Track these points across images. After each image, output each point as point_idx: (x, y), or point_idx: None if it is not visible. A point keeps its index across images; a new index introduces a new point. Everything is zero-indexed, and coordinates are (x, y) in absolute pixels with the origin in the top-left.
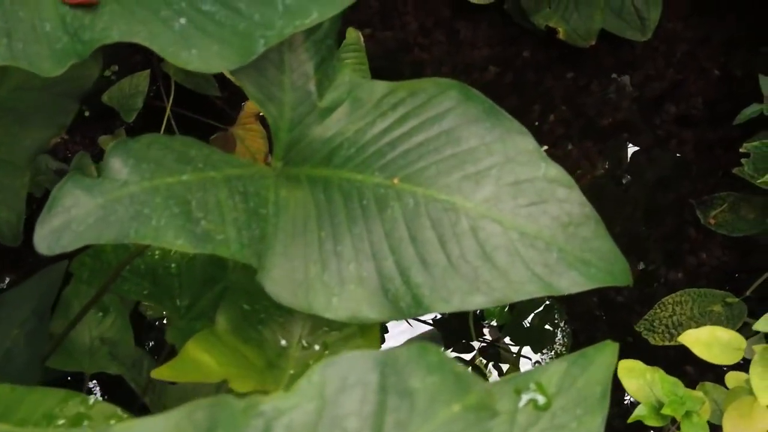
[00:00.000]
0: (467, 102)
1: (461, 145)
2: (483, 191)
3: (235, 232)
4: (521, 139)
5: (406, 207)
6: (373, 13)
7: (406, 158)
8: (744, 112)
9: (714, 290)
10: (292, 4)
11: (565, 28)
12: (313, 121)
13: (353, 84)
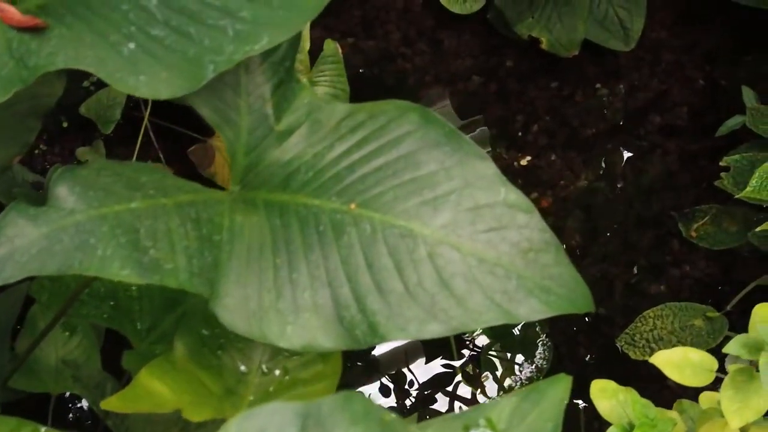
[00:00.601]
0: (427, 125)
1: (420, 170)
2: (441, 217)
3: (185, 261)
4: (481, 163)
5: (363, 233)
6: (356, 23)
7: (364, 183)
8: (726, 124)
9: (695, 304)
10: (242, 29)
11: (548, 38)
12: (271, 144)
13: (312, 106)
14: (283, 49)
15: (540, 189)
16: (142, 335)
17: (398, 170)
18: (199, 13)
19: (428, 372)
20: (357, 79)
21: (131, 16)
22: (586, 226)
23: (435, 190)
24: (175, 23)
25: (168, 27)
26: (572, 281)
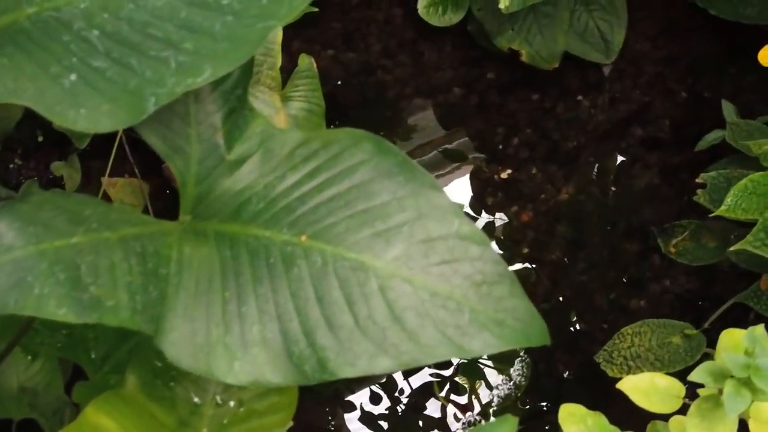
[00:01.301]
0: (380, 155)
1: (373, 200)
2: (393, 249)
3: (127, 297)
4: (435, 194)
5: (314, 266)
6: (336, 35)
7: (315, 214)
8: (706, 138)
9: (673, 321)
10: (185, 61)
11: (528, 51)
12: (222, 174)
13: (266, 135)
14: (235, 78)
15: (520, 203)
16: (97, 365)
17: (351, 201)
18: (141, 44)
19: (422, 378)
20: (337, 92)
21: (73, 47)
22: (566, 240)
23: (387, 222)
24: (116, 54)
25: (109, 58)
26: (527, 314)
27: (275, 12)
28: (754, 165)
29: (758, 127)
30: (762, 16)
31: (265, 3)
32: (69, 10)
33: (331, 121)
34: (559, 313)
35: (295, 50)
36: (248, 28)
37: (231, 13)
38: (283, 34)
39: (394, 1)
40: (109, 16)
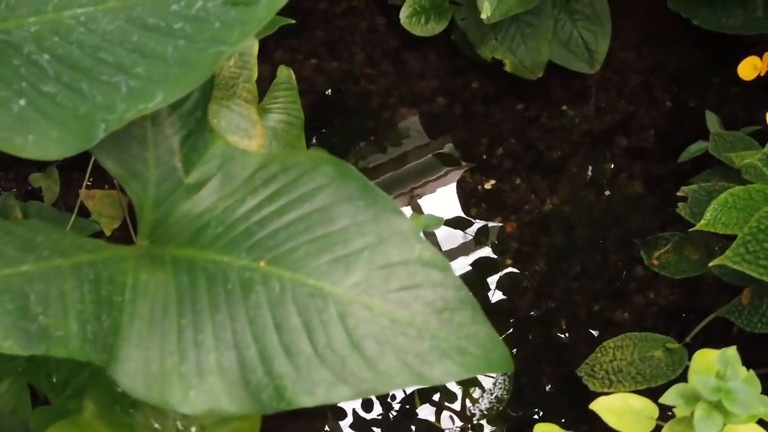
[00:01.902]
0: (341, 178)
1: (333, 225)
2: (353, 275)
3: (77, 327)
4: (395, 219)
5: (272, 292)
6: (319, 44)
7: (275, 238)
8: (689, 150)
9: (655, 335)
10: (136, 86)
11: (511, 60)
12: (180, 198)
13: (225, 157)
14: (193, 100)
15: (504, 213)
16: (58, 389)
17: (311, 225)
18: (92, 68)
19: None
20: (320, 101)
21: (22, 71)
22: (550, 251)
23: (347, 247)
24: (67, 79)
25: (60, 83)
26: (489, 341)
27: (227, 37)
28: (737, 176)
29: (741, 138)
30: (744, 26)
31: (217, 27)
32: (19, 33)
33: (314, 130)
34: (542, 325)
35: (278, 60)
36: (200, 53)
37: (183, 38)
38: (266, 44)
39: (377, 10)
40: (59, 39)
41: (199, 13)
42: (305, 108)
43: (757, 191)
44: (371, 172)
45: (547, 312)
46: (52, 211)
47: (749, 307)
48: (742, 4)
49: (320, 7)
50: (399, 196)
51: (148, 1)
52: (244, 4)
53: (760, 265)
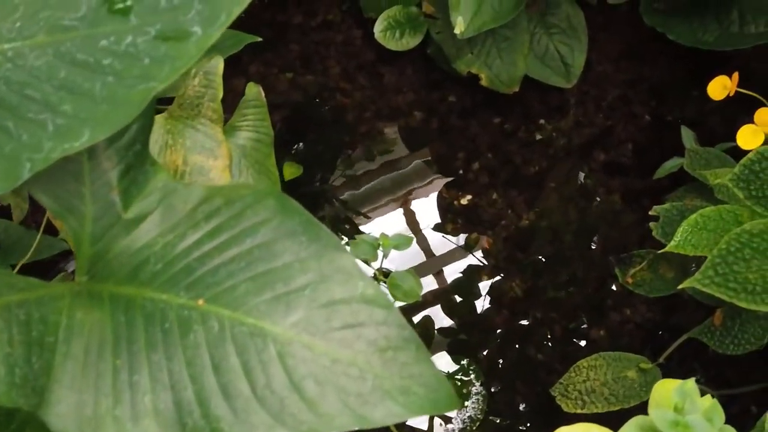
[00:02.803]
0: (283, 213)
1: (275, 261)
2: (294, 314)
3: (5, 371)
4: (339, 255)
5: (211, 331)
6: (295, 57)
7: (215, 275)
8: (664, 166)
9: (629, 354)
10: (63, 124)
11: (487, 75)
12: (119, 233)
13: (167, 190)
14: (132, 133)
15: (480, 229)
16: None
17: (252, 262)
18: (19, 106)
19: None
20: (295, 116)
21: None
22: (527, 267)
23: (289, 284)
24: None
25: None
26: (434, 380)
27: (157, 73)
28: (712, 194)
29: (717, 154)
30: (719, 42)
31: (147, 63)
32: None
33: (288, 145)
34: (517, 342)
35: (253, 73)
36: (129, 90)
37: (112, 74)
38: (241, 57)
39: (353, 24)
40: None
41: (128, 49)
42: (280, 122)
43: (728, 212)
44: (358, 180)
45: (523, 329)
46: (20, 230)
47: (721, 329)
48: (718, 20)
49: (295, 20)
50: (391, 202)
51: (77, 36)
52: (175, 40)
53: (730, 288)
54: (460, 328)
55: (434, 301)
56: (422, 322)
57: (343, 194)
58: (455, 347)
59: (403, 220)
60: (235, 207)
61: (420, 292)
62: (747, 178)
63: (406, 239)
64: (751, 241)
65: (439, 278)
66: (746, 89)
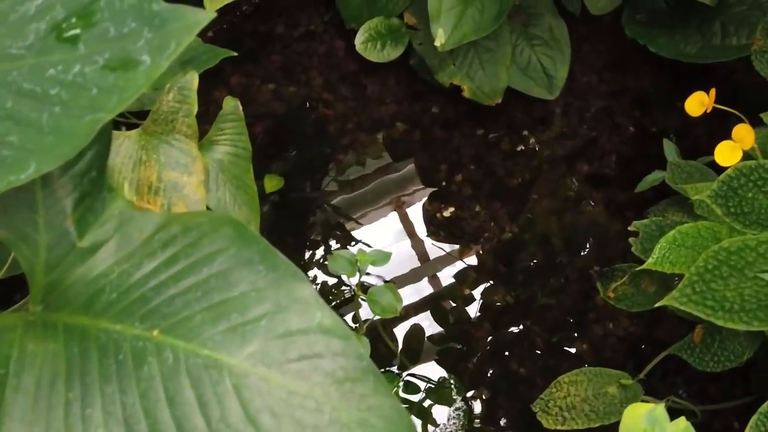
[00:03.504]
0: (241, 242)
1: (231, 291)
2: (250, 345)
3: None
4: (297, 285)
5: (165, 363)
6: (277, 68)
7: (171, 306)
8: (646, 180)
9: (609, 370)
10: (8, 156)
11: (469, 86)
12: (74, 262)
13: (124, 218)
14: (86, 161)
15: (463, 242)
16: None
17: (208, 291)
18: None
19: None
20: (276, 128)
21: None
22: (509, 281)
23: (245, 315)
24: None
25: None
26: (393, 412)
27: (105, 104)
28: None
29: (698, 168)
30: (701, 54)
31: (95, 94)
32: None
33: (270, 158)
34: (499, 356)
35: (235, 84)
36: (77, 120)
37: (59, 104)
38: (222, 68)
39: (336, 34)
40: None
41: (76, 79)
42: (262, 134)
43: (707, 229)
44: (351, 184)
45: (505, 342)
46: None
47: (701, 346)
48: (700, 31)
49: (278, 31)
50: (386, 205)
51: (24, 64)
52: (123, 69)
53: (708, 306)
54: (449, 337)
55: (425, 307)
56: (412, 330)
57: (335, 199)
58: (443, 357)
59: (396, 224)
60: (192, 235)
61: (399, 308)
62: (726, 194)
63: (384, 255)
64: (729, 259)
65: (434, 282)
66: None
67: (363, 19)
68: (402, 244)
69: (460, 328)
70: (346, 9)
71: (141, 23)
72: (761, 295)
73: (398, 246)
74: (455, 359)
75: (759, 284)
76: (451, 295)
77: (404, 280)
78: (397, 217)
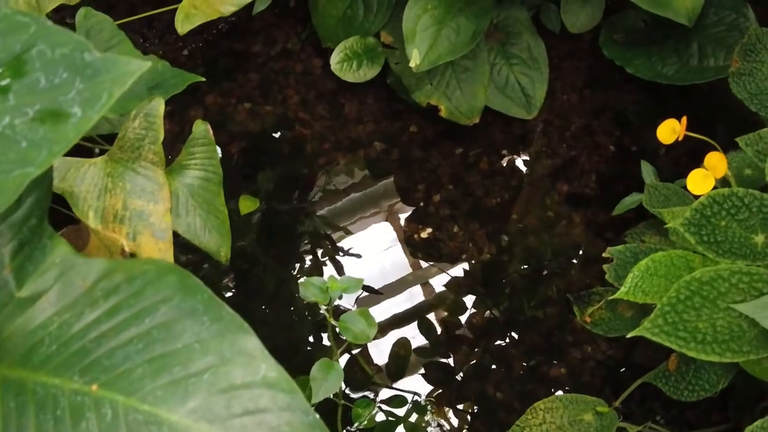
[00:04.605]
0: (185, 291)
1: (174, 343)
2: (192, 400)
3: None
4: (241, 336)
5: (104, 419)
6: (254, 87)
7: (111, 358)
8: (623, 203)
9: (586, 396)
10: None
11: (447, 106)
12: (13, 313)
13: (66, 266)
14: (25, 209)
15: (441, 263)
16: None
17: (150, 343)
18: None
19: None
20: (252, 147)
21: None
22: (487, 303)
23: (188, 368)
24: None
25: None
26: None
27: (34, 158)
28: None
29: (676, 190)
30: (677, 76)
31: (24, 147)
32: None
33: (246, 178)
34: (477, 381)
35: (210, 104)
36: (5, 175)
37: None
38: (198, 87)
39: (313, 52)
40: None
41: (5, 131)
42: (238, 154)
43: (679, 257)
44: (341, 193)
45: (482, 367)
46: None
47: (676, 374)
48: (678, 52)
49: (254, 49)
50: (375, 215)
51: None
52: (53, 121)
53: (680, 337)
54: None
55: (411, 319)
56: (399, 343)
57: (323, 209)
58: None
59: (389, 232)
60: (136, 284)
61: (372, 334)
62: (699, 222)
63: (356, 282)
64: (701, 289)
65: (426, 289)
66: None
67: (339, 38)
68: (394, 251)
69: (438, 351)
70: (322, 27)
71: (73, 73)
72: (734, 326)
73: (391, 253)
74: (435, 380)
75: (731, 315)
76: (427, 318)
77: (395, 288)
78: (389, 225)
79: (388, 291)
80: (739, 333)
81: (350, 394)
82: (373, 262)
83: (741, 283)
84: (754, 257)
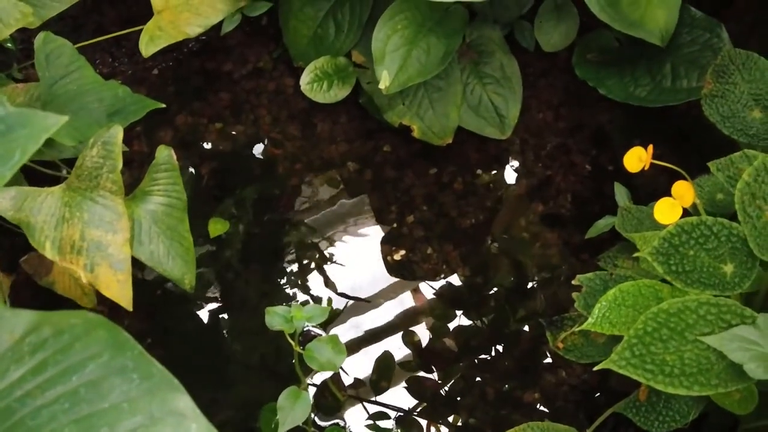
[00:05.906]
0: (114, 348)
1: (102, 402)
2: None
3: None
4: (171, 395)
5: None
6: (225, 106)
7: (36, 418)
8: (596, 225)
9: (558, 425)
10: None
11: (419, 126)
12: None
13: None
14: None
15: (414, 286)
16: None
17: (77, 402)
18: None
19: None
20: (223, 168)
21: None
22: (460, 326)
23: (115, 428)
24: None
25: None
26: None
27: None
28: None
29: (649, 214)
30: (651, 97)
31: None
32: None
33: (217, 200)
34: (449, 407)
35: (180, 124)
36: None
37: None
38: (169, 107)
39: (285, 71)
40: None
41: None
42: (208, 174)
43: (647, 287)
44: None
45: (454, 392)
46: None
47: (646, 404)
48: (651, 73)
49: (225, 68)
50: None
51: None
52: None
53: (647, 370)
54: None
55: (396, 329)
56: (382, 357)
57: (308, 218)
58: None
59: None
60: (64, 339)
61: (340, 362)
62: (667, 251)
63: (321, 310)
64: (669, 321)
65: (417, 295)
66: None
67: (311, 57)
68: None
69: (412, 374)
70: (293, 47)
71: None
72: (702, 358)
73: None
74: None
75: (699, 347)
76: (399, 339)
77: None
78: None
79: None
80: (707, 365)
81: (320, 423)
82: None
83: (709, 315)
84: (723, 287)
